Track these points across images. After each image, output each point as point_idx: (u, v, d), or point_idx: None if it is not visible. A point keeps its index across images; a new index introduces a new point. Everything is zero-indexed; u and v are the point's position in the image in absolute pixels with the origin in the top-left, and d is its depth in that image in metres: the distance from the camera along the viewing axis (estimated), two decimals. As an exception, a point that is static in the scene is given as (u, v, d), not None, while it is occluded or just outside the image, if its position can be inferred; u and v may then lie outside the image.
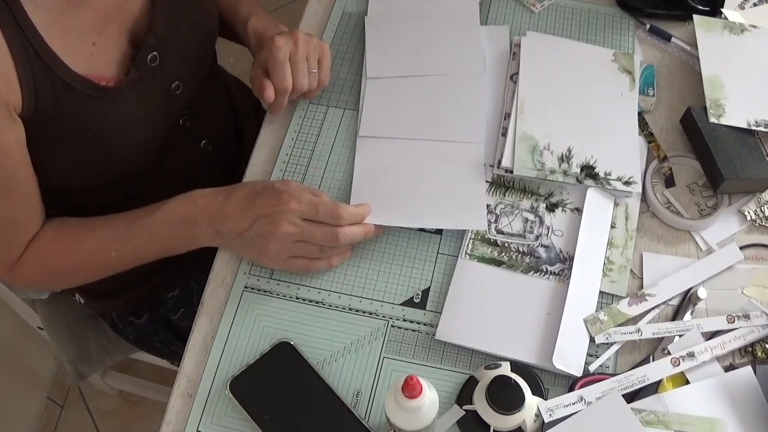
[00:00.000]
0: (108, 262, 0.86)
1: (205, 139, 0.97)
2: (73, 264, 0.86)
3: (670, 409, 0.73)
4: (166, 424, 0.76)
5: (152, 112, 0.84)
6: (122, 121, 0.81)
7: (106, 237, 0.85)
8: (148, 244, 0.84)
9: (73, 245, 0.85)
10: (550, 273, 0.82)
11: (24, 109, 0.73)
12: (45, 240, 0.84)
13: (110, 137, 0.80)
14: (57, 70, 0.73)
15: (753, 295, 0.81)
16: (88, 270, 0.88)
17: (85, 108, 0.77)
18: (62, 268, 0.86)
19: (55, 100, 0.74)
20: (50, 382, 1.60)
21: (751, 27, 0.98)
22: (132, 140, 0.83)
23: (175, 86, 0.86)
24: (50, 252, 0.84)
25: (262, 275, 0.84)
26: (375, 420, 0.75)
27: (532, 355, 0.77)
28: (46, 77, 0.73)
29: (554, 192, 0.88)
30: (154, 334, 1.09)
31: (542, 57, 0.96)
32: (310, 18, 1.03)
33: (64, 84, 0.74)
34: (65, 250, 0.85)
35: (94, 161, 0.82)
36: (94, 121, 0.78)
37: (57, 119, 0.75)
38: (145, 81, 0.82)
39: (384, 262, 0.84)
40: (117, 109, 0.80)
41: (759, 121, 0.90)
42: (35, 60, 0.72)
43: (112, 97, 0.79)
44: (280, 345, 0.78)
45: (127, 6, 0.80)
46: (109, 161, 0.83)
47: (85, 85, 0.76)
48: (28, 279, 0.87)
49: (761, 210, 0.87)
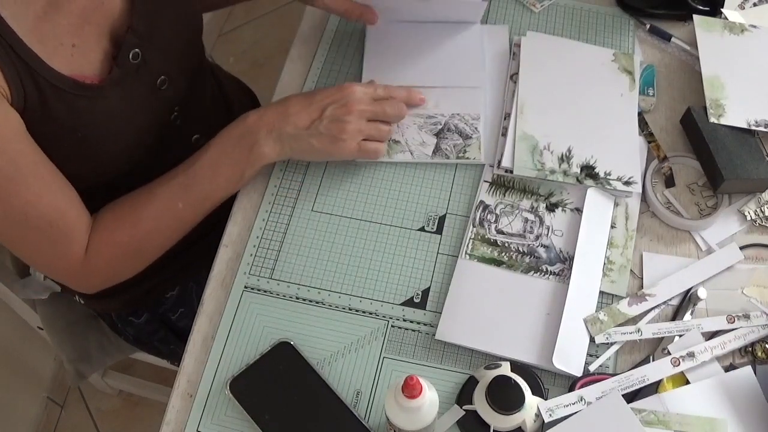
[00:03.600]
0: (178, 216, 0.85)
1: (197, 134, 0.97)
2: (144, 231, 0.85)
3: (670, 409, 0.73)
4: (166, 424, 0.76)
5: (140, 109, 0.84)
6: (110, 119, 0.81)
7: (167, 191, 0.84)
8: (211, 181, 0.84)
9: (138, 213, 0.84)
10: (550, 273, 0.82)
11: (14, 105, 0.73)
12: (106, 220, 0.83)
13: (100, 135, 0.80)
14: (41, 72, 0.74)
15: (753, 295, 0.81)
16: (162, 232, 0.86)
17: (71, 107, 0.77)
18: (135, 241, 0.85)
19: (43, 100, 0.74)
20: (50, 382, 1.60)
21: (751, 27, 0.98)
22: (122, 137, 0.83)
23: (161, 82, 0.86)
24: (117, 230, 0.83)
25: (262, 275, 0.84)
26: (375, 420, 0.75)
27: (532, 355, 0.77)
28: (30, 79, 0.73)
29: (554, 192, 0.88)
30: (154, 333, 1.09)
31: (542, 57, 0.96)
32: (310, 18, 1.03)
33: (49, 84, 0.74)
34: (132, 221, 0.84)
35: (86, 161, 0.82)
36: (82, 119, 0.78)
37: (46, 119, 0.75)
38: (130, 78, 0.82)
39: (384, 262, 0.84)
40: (103, 106, 0.80)
41: (759, 121, 0.90)
42: (18, 63, 0.72)
43: (97, 95, 0.79)
44: (280, 345, 0.78)
45: (104, 6, 0.80)
46: (102, 160, 0.83)
47: (69, 84, 0.76)
48: (102, 268, 0.85)
49: (761, 210, 0.87)
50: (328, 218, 0.87)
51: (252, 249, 0.85)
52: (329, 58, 1.00)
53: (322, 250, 0.85)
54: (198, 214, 0.87)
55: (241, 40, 2.18)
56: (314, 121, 0.83)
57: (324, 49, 1.01)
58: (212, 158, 0.84)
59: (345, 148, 0.84)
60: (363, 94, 0.86)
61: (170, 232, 0.87)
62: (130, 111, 0.83)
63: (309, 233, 0.86)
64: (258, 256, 0.85)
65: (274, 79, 0.99)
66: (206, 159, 0.84)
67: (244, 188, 0.90)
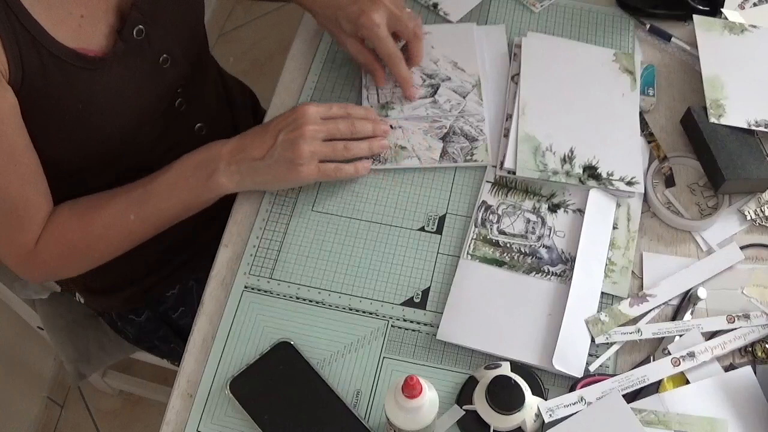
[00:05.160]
0: (128, 227, 0.85)
1: (200, 123, 0.97)
2: (94, 235, 0.85)
3: (671, 409, 0.73)
4: (166, 424, 0.76)
5: (142, 86, 0.84)
6: (111, 93, 0.81)
7: (123, 201, 0.84)
8: (166, 200, 0.84)
9: (92, 216, 0.84)
10: (552, 274, 0.82)
11: (11, 78, 0.73)
12: (62, 217, 0.84)
13: (100, 110, 0.80)
14: (43, 42, 0.74)
15: (753, 295, 0.81)
16: (110, 240, 0.86)
17: (72, 79, 0.77)
18: (83, 243, 0.85)
19: (43, 72, 0.74)
20: (50, 382, 1.60)
21: (751, 27, 0.98)
22: (122, 114, 0.83)
23: (163, 60, 0.86)
24: (69, 228, 0.84)
25: (262, 275, 0.83)
26: (375, 420, 0.75)
27: (533, 355, 0.77)
28: (32, 49, 0.73)
29: (556, 193, 0.88)
30: (154, 332, 1.10)
31: (543, 57, 0.96)
32: (310, 20, 1.03)
33: (51, 55, 0.74)
34: (84, 223, 0.84)
35: (86, 137, 0.82)
36: (82, 92, 0.78)
37: (45, 91, 0.75)
38: (133, 54, 0.82)
39: (384, 262, 0.84)
40: (104, 79, 0.80)
41: (759, 121, 0.89)
42: (21, 32, 0.72)
43: (99, 68, 0.79)
44: (280, 345, 0.78)
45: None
46: (102, 137, 0.83)
47: (71, 56, 0.76)
48: (48, 262, 0.86)
49: (761, 210, 0.87)
50: (328, 218, 0.87)
51: (252, 249, 0.85)
52: (329, 58, 1.00)
53: (322, 250, 0.85)
54: (148, 230, 0.87)
55: (241, 40, 2.18)
56: (270, 148, 0.82)
57: (324, 49, 1.01)
58: (170, 179, 0.84)
59: (303, 173, 0.82)
60: (314, 114, 0.83)
61: (118, 242, 0.88)
62: (132, 87, 0.83)
63: (309, 233, 0.86)
64: (258, 256, 0.85)
65: (274, 79, 0.99)
66: (165, 178, 0.84)
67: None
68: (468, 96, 0.94)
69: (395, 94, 0.94)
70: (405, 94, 0.93)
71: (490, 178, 0.89)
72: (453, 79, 0.95)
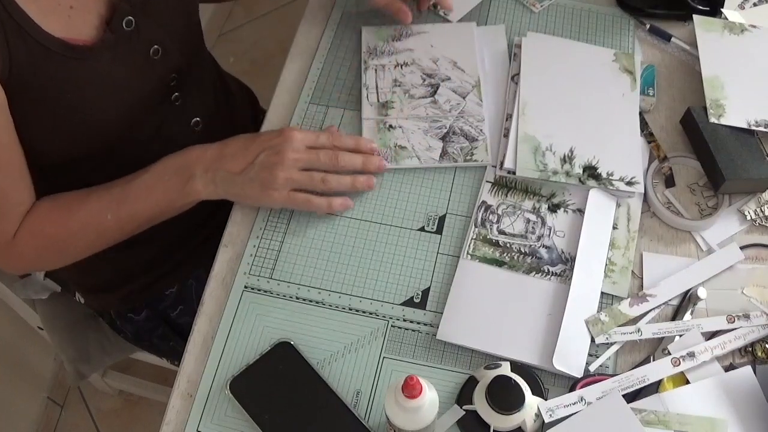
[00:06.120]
0: (104, 226, 0.85)
1: (197, 117, 0.97)
2: (71, 231, 0.85)
3: (671, 409, 0.73)
4: (166, 424, 0.76)
5: (132, 77, 0.84)
6: (100, 84, 0.81)
7: (101, 200, 0.84)
8: (143, 202, 0.84)
9: (70, 212, 0.84)
10: (552, 274, 0.82)
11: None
12: (41, 211, 0.84)
13: (90, 101, 0.80)
14: (30, 32, 0.74)
15: (753, 295, 0.81)
16: (85, 237, 0.87)
17: (60, 69, 0.77)
18: (60, 238, 0.85)
19: (30, 62, 0.74)
20: (50, 382, 1.60)
21: (751, 27, 0.98)
22: (114, 106, 0.83)
23: (154, 51, 0.86)
24: (48, 222, 0.84)
25: (262, 275, 0.83)
26: (375, 420, 0.75)
27: (533, 355, 0.77)
28: (19, 39, 0.73)
29: (556, 193, 0.88)
30: (153, 330, 1.09)
31: (543, 57, 0.96)
32: (311, 17, 1.03)
33: (38, 45, 0.74)
34: (63, 218, 0.84)
35: (78, 129, 0.81)
36: (70, 82, 0.78)
37: (33, 82, 0.75)
38: (122, 45, 0.82)
39: (384, 262, 0.84)
40: (93, 70, 0.80)
41: (759, 121, 0.90)
42: (8, 22, 0.72)
43: (87, 57, 0.79)
44: (280, 345, 0.78)
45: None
46: (94, 129, 0.83)
47: (59, 46, 0.76)
48: (25, 254, 0.86)
49: (761, 210, 0.87)
50: (328, 218, 0.87)
51: (252, 249, 0.85)
52: (329, 58, 1.00)
53: (322, 250, 0.85)
54: (123, 229, 0.87)
55: (241, 40, 2.18)
56: (248, 165, 0.82)
57: (324, 49, 1.01)
58: (148, 181, 0.84)
59: (273, 197, 0.82)
60: (299, 141, 0.82)
61: (93, 240, 0.88)
62: (122, 78, 0.83)
63: (309, 233, 0.86)
64: (258, 256, 0.85)
65: (274, 79, 0.99)
66: (143, 180, 0.84)
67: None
68: (468, 96, 0.94)
69: (395, 94, 0.94)
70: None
71: (490, 178, 0.89)
72: (453, 79, 0.95)
